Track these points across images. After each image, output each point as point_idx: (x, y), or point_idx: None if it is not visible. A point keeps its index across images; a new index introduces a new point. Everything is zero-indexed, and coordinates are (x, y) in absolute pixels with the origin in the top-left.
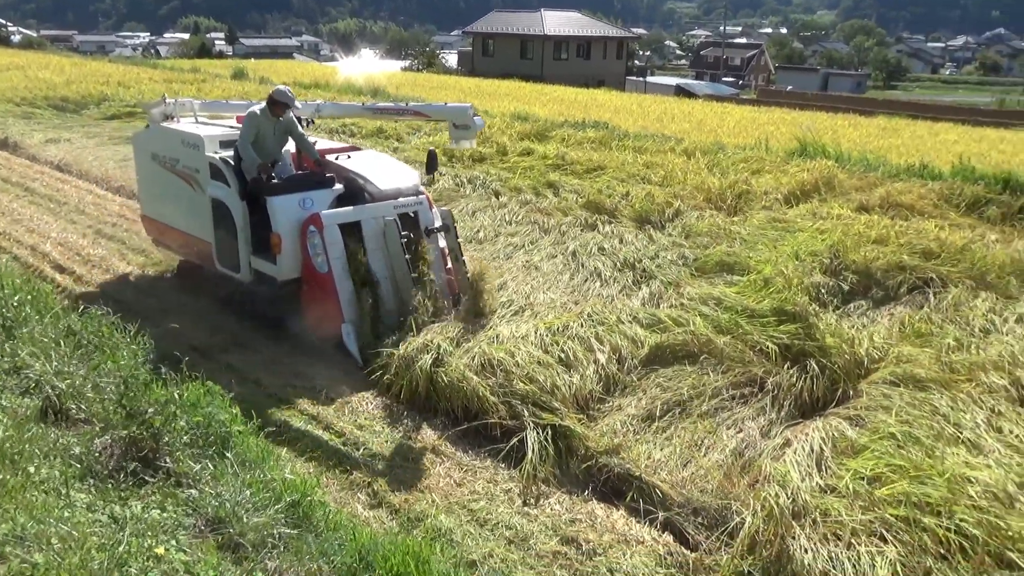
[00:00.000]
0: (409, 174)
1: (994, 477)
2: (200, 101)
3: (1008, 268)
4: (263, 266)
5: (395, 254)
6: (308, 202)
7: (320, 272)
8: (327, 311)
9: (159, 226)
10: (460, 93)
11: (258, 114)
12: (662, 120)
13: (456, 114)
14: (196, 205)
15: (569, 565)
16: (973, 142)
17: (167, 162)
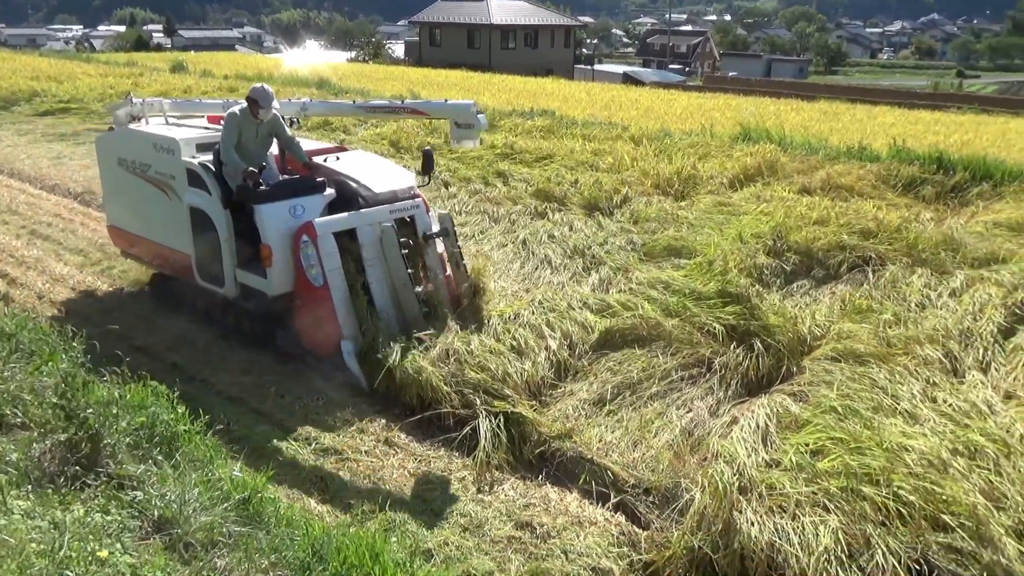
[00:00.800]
0: (404, 176)
1: (929, 445)
2: (170, 100)
3: (942, 245)
4: (251, 280)
5: (394, 263)
6: (299, 209)
7: (315, 285)
8: (323, 327)
9: (129, 237)
10: (408, 84)
11: (238, 115)
12: (610, 108)
13: (458, 112)
14: (171, 214)
15: (524, 549)
16: (909, 124)
17: (136, 168)
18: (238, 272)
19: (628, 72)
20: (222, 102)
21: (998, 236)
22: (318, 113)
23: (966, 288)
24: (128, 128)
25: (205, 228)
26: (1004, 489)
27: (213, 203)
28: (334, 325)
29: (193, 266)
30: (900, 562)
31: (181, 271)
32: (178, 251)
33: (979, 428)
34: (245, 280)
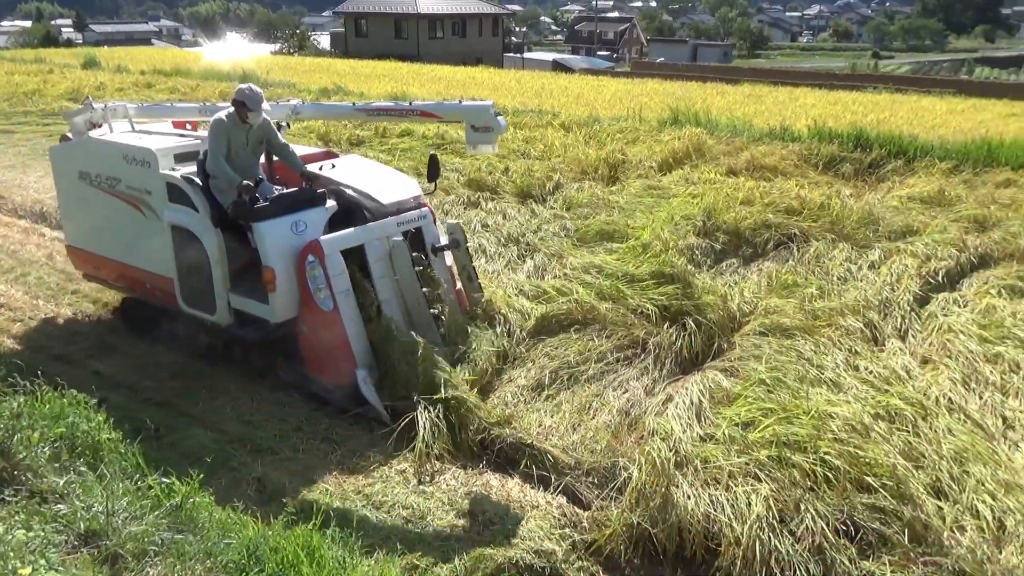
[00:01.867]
0: (409, 184)
1: (853, 411)
2: (136, 105)
3: (861, 220)
4: (249, 306)
5: (406, 280)
6: (301, 226)
7: (324, 310)
8: (335, 356)
9: (93, 259)
10: (335, 76)
11: (225, 121)
12: (540, 95)
13: (474, 114)
14: (147, 234)
15: (467, 537)
16: (829, 105)
17: (103, 182)
18: (232, 297)
19: (557, 59)
20: (198, 106)
21: (912, 209)
22: (311, 116)
23: (884, 260)
24: (90, 137)
25: (190, 249)
26: (922, 449)
27: (200, 221)
28: (347, 353)
29: (176, 291)
30: (828, 524)
31: (161, 297)
32: (156, 274)
33: (898, 393)
34: (241, 306)
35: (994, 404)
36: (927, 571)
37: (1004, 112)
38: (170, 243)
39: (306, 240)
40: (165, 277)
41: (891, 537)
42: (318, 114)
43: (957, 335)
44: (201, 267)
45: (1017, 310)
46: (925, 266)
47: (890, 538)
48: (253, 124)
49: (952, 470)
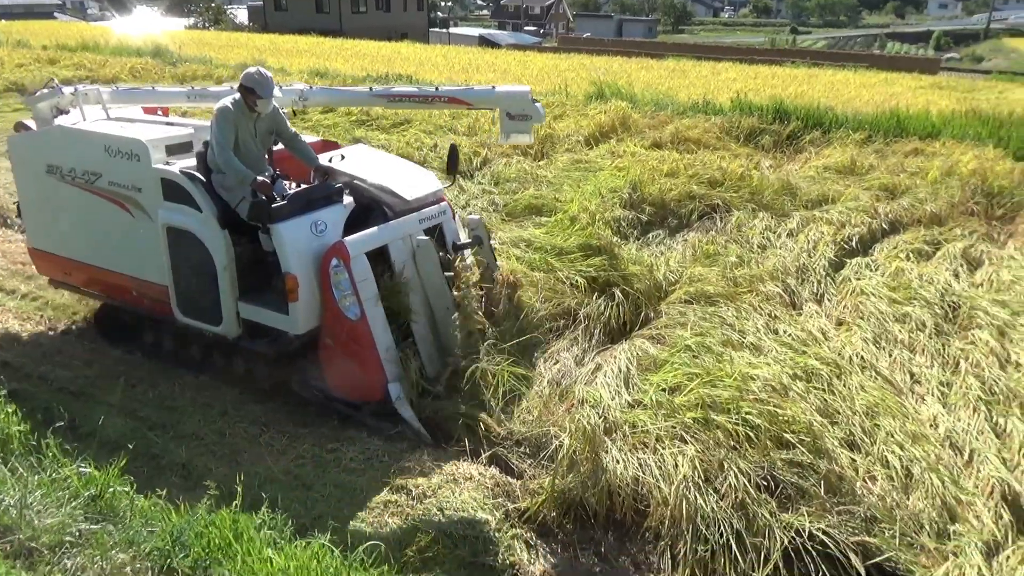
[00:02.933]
0: (428, 177)
1: (772, 373)
2: (110, 89)
3: (780, 190)
4: (263, 317)
5: (432, 282)
6: (320, 226)
7: (350, 319)
8: (364, 369)
9: (62, 264)
10: (254, 51)
11: (232, 109)
12: (467, 71)
13: (511, 100)
14: (135, 236)
15: (400, 512)
16: (749, 79)
17: (78, 177)
18: (242, 307)
19: (484, 35)
20: (185, 90)
21: (828, 179)
22: (320, 103)
23: (802, 228)
24: (61, 127)
25: (191, 253)
26: (836, 406)
27: (205, 222)
28: (376, 366)
29: (171, 300)
30: (750, 481)
31: (150, 306)
32: (146, 281)
33: (815, 353)
34: (254, 317)
35: (902, 361)
36: (842, 519)
37: (913, 85)
38: (165, 247)
39: (326, 242)
40: (157, 284)
41: (808, 489)
42: (328, 100)
43: (869, 297)
44: (204, 274)
45: (923, 272)
46: (839, 233)
47: (807, 490)
48: (262, 113)
49: (864, 424)
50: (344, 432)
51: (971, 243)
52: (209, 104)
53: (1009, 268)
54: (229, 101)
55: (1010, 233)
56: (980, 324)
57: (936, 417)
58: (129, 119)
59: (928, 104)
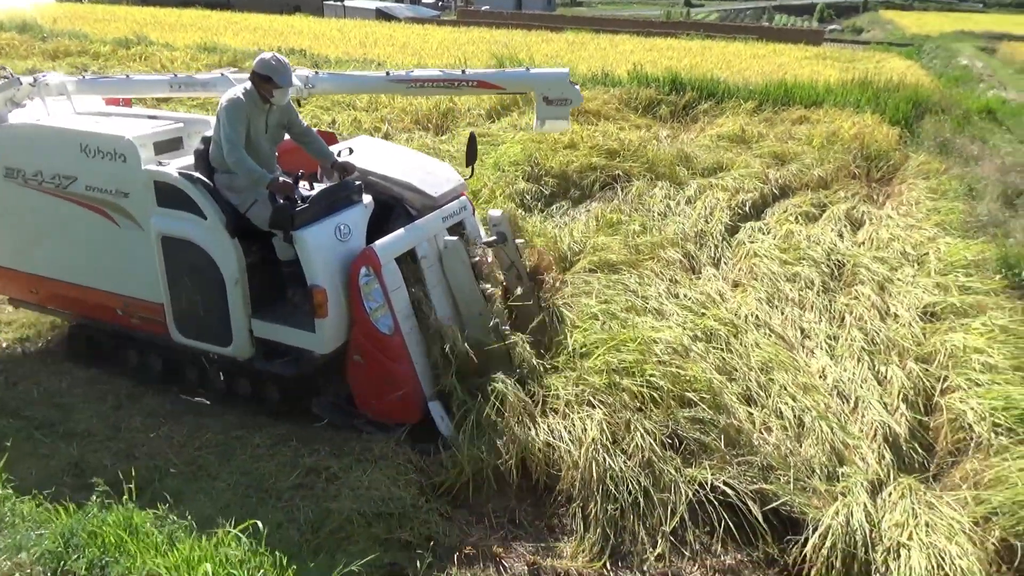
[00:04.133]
0: (447, 170)
1: (674, 335)
2: (76, 78)
3: (677, 159)
4: (283, 335)
5: (463, 287)
6: (344, 230)
7: (383, 333)
8: (399, 389)
9: (27, 281)
10: (134, 25)
11: (243, 101)
12: (364, 45)
13: (548, 83)
14: (122, 248)
15: (312, 495)
16: (646, 51)
17: (46, 182)
18: (256, 324)
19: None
20: (167, 79)
21: (722, 147)
22: (329, 90)
23: (699, 196)
24: (24, 123)
25: (193, 266)
26: (734, 363)
27: (210, 230)
28: (414, 383)
29: (168, 319)
30: (655, 439)
31: (141, 326)
32: (135, 299)
33: (713, 315)
34: (272, 335)
35: (793, 318)
36: (741, 470)
37: (799, 56)
38: (160, 259)
39: (352, 248)
40: (149, 302)
41: (710, 444)
42: (337, 87)
43: (762, 259)
44: (209, 289)
45: (811, 233)
46: (734, 199)
47: (709, 444)
48: (277, 104)
49: (759, 379)
50: (250, 418)
51: (853, 205)
52: (195, 94)
53: (887, 227)
54: (240, 92)
55: (888, 194)
56: (862, 280)
57: (825, 369)
58: (103, 112)
59: (813, 74)
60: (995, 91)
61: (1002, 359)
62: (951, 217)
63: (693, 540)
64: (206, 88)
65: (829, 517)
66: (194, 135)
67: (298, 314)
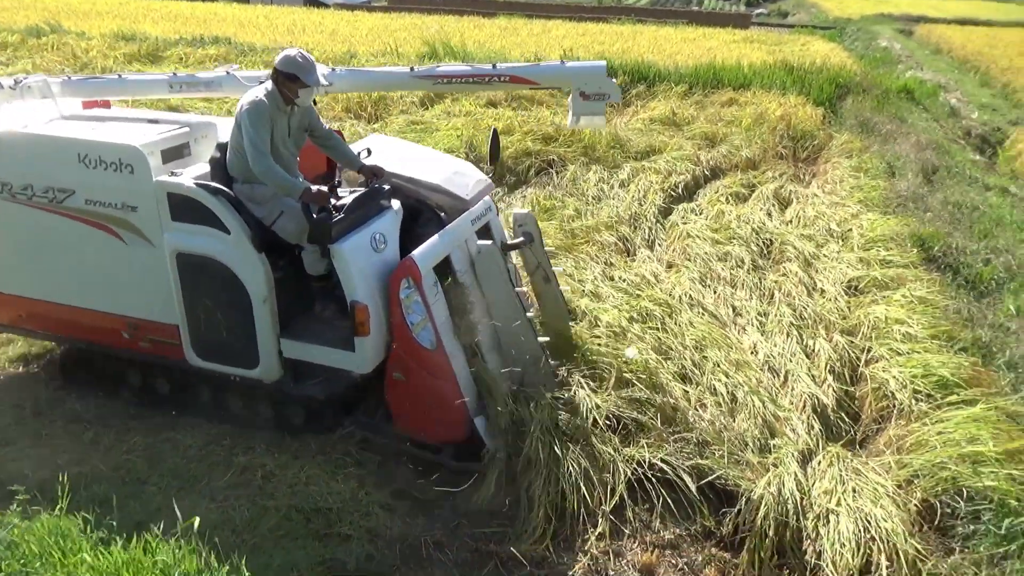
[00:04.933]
0: (472, 169)
1: (612, 317)
2: (61, 79)
3: (611, 143)
4: (318, 355)
5: (500, 294)
6: (379, 240)
7: (425, 348)
8: (442, 406)
9: (14, 303)
10: (44, 12)
11: (267, 103)
12: (292, 32)
13: (585, 77)
14: (128, 266)
15: (248, 494)
16: (579, 36)
17: (37, 196)
18: (286, 345)
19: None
20: (165, 78)
21: (654, 130)
22: (348, 88)
23: (632, 179)
24: (9, 131)
25: (214, 284)
26: (669, 342)
27: (235, 246)
28: (458, 399)
29: (184, 341)
30: (595, 422)
31: (150, 350)
32: (146, 321)
33: (649, 296)
34: (304, 355)
35: (725, 296)
36: (677, 447)
37: (728, 39)
38: (174, 278)
39: (387, 259)
40: (162, 324)
41: (647, 423)
42: (357, 84)
43: (695, 240)
44: (233, 308)
45: (741, 213)
46: (667, 181)
47: (646, 424)
48: (301, 105)
49: (694, 357)
50: (179, 420)
51: (781, 184)
52: (198, 94)
53: (813, 205)
54: (261, 93)
55: (813, 173)
56: (790, 257)
57: (756, 344)
58: (96, 117)
59: (741, 57)
60: (912, 72)
61: (920, 329)
62: (872, 194)
63: (633, 518)
64: (210, 88)
65: (762, 488)
66: (201, 140)
67: (332, 332)
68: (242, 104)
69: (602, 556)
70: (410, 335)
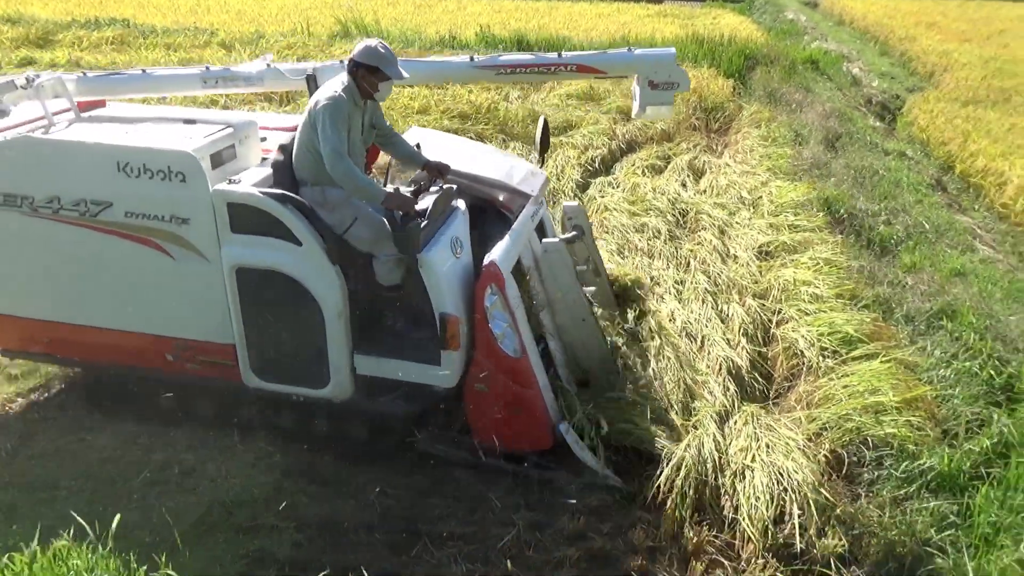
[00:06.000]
0: (527, 164)
1: None
2: (75, 76)
3: (527, 119)
4: (398, 370)
5: (567, 292)
6: (457, 244)
7: (510, 356)
8: (529, 415)
9: (33, 327)
10: None
11: (345, 98)
12: (196, 12)
13: (653, 65)
14: (175, 283)
15: (167, 491)
16: (494, 13)
17: (65, 209)
18: (360, 361)
19: None
20: (199, 72)
21: (571, 105)
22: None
23: (550, 154)
24: (29, 137)
25: (280, 300)
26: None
27: (307, 258)
28: (542, 407)
29: (242, 362)
30: None
31: (202, 371)
32: (196, 341)
33: None
34: (382, 372)
35: (643, 266)
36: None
37: (642, 14)
38: (233, 294)
39: (465, 264)
40: (213, 344)
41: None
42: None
43: (612, 212)
44: (302, 324)
45: (656, 185)
46: (584, 155)
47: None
48: (380, 100)
49: None
50: (89, 419)
51: (695, 155)
52: (236, 89)
53: (725, 174)
54: (339, 88)
55: (725, 144)
56: (704, 226)
57: (674, 312)
58: (120, 118)
59: (654, 31)
60: (818, 43)
61: (826, 289)
62: (780, 162)
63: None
64: (250, 83)
65: (682, 449)
66: (244, 141)
67: (412, 346)
68: (318, 100)
69: (530, 528)
70: (495, 344)
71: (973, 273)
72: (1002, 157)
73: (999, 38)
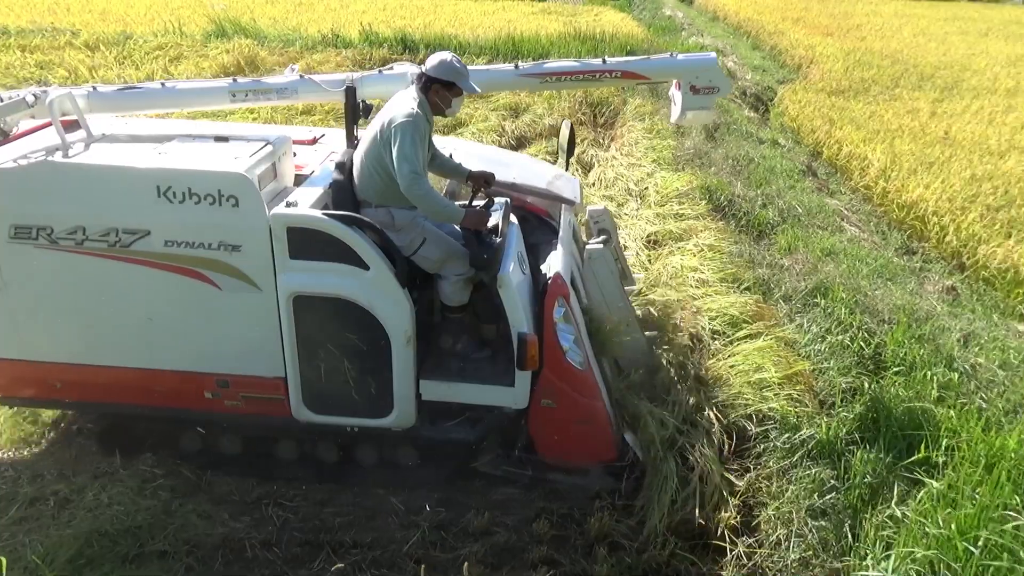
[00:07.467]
0: (561, 170)
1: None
2: (85, 90)
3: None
4: (469, 394)
5: (612, 298)
6: (522, 259)
7: (577, 369)
8: (595, 428)
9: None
10: None
11: (422, 115)
12: (55, 11)
13: (696, 70)
14: (221, 316)
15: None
16: (379, 11)
17: (92, 240)
18: (426, 386)
19: None
20: (226, 85)
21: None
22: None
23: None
24: (51, 162)
25: (342, 328)
26: None
27: (374, 284)
28: (605, 418)
29: (294, 395)
30: None
31: (245, 408)
32: (240, 376)
33: None
34: (450, 396)
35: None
36: None
37: (526, 11)
38: (289, 324)
39: (528, 279)
40: (260, 378)
41: None
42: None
43: None
44: (365, 352)
45: None
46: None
47: None
48: (452, 115)
49: None
50: None
51: (583, 149)
52: (267, 103)
53: (613, 167)
54: (414, 104)
55: (612, 137)
56: None
57: None
58: (140, 137)
59: (539, 28)
60: (695, 38)
61: (711, 273)
62: (664, 153)
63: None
64: (283, 96)
65: None
66: (282, 158)
67: (482, 367)
68: (394, 116)
69: (435, 528)
70: (563, 358)
71: (843, 252)
72: (864, 143)
73: (857, 32)
